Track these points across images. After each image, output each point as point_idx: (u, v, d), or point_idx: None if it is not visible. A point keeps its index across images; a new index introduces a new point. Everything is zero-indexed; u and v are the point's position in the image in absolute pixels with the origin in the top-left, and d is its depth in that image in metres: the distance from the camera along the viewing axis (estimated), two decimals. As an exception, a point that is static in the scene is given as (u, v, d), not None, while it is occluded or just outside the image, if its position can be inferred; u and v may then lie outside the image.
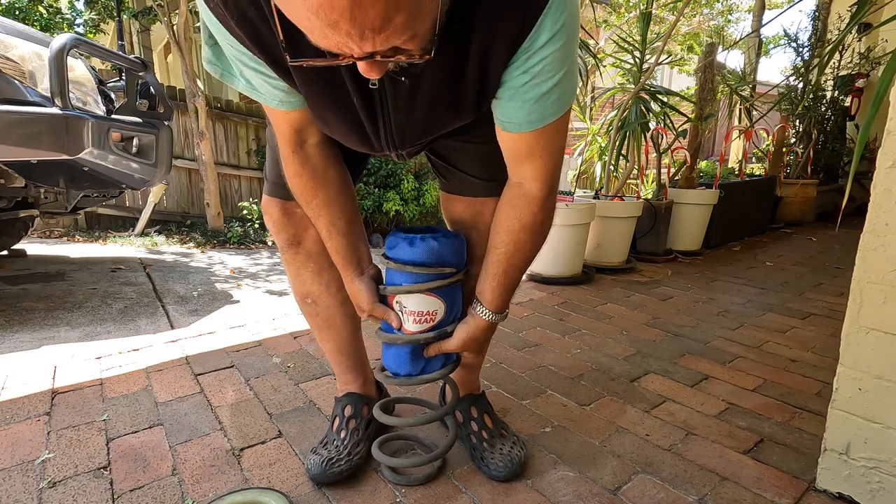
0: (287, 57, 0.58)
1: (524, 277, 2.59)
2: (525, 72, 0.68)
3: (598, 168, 4.28)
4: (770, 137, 4.93)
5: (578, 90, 3.64)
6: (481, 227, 0.98)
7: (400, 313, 0.91)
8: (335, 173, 0.89)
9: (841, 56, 4.93)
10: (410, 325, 0.91)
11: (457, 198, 1.02)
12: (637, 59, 3.09)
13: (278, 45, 0.64)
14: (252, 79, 0.75)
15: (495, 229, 0.87)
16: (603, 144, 4.11)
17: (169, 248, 4.03)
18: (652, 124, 3.13)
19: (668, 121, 3.21)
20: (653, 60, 3.00)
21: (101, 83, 2.45)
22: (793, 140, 5.10)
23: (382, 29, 0.47)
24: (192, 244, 4.24)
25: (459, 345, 0.91)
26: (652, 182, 4.51)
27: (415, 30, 0.50)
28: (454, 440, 1.06)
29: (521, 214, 0.83)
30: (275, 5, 0.51)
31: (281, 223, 0.98)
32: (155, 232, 4.53)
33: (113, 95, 2.56)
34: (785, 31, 5.05)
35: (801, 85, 4.81)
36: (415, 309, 0.90)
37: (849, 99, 5.15)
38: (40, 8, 5.71)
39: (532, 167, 0.79)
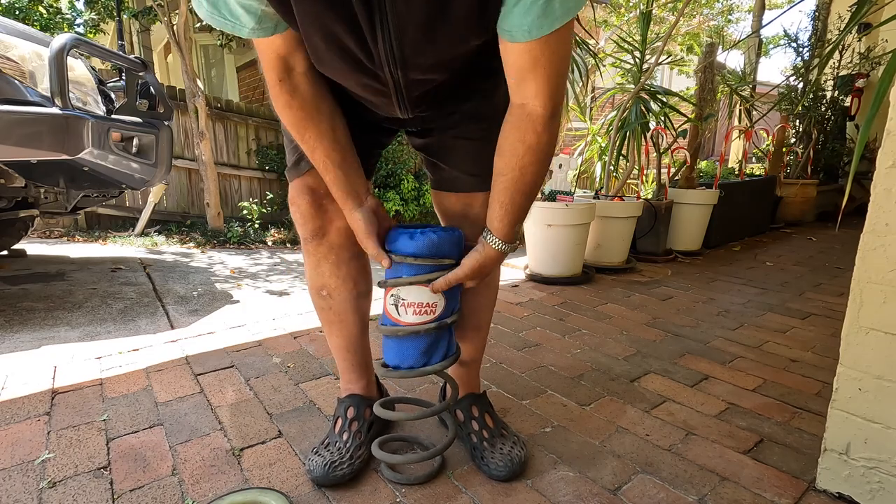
0: None
1: (524, 277, 2.59)
2: None
3: (598, 168, 4.29)
4: (770, 137, 4.93)
5: (578, 89, 3.65)
6: (472, 218, 1.00)
7: (398, 306, 0.92)
8: (326, 106, 0.88)
9: (841, 56, 4.93)
10: (410, 318, 0.92)
11: (448, 193, 1.03)
12: (637, 60, 3.09)
13: None
14: (222, 4, 0.72)
15: (500, 155, 0.86)
16: (603, 144, 4.11)
17: (169, 248, 4.03)
18: (652, 124, 3.13)
19: (667, 121, 3.21)
20: (653, 60, 3.00)
21: (101, 83, 2.45)
22: (793, 140, 5.10)
23: None
24: (192, 244, 4.24)
25: (468, 272, 0.91)
26: (652, 182, 4.51)
27: None
28: (454, 437, 1.07)
29: (524, 136, 0.81)
30: None
31: (308, 214, 0.98)
32: (155, 232, 4.53)
33: (113, 95, 2.56)
34: (785, 31, 5.05)
35: (801, 85, 4.81)
36: (415, 301, 0.91)
37: (849, 99, 5.15)
38: (40, 8, 5.71)
39: (535, 83, 0.77)
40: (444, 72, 0.83)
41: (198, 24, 6.26)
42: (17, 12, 5.45)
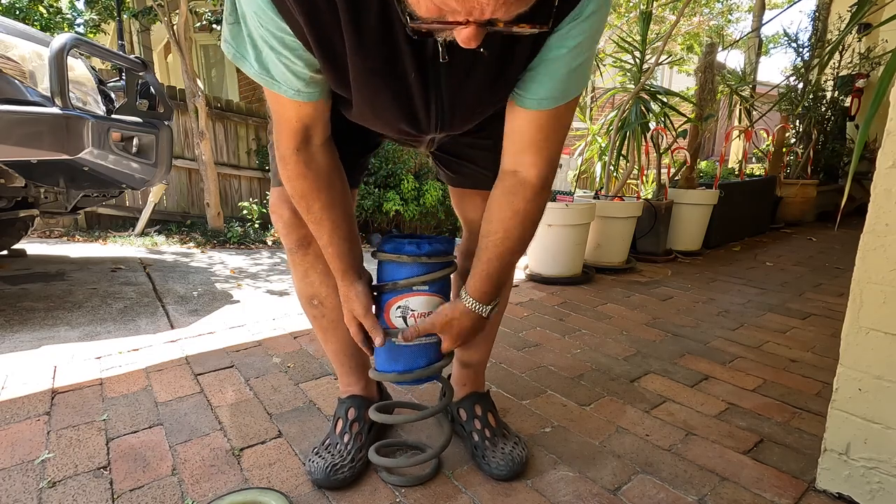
0: (407, 22, 0.57)
1: (524, 277, 2.59)
2: (563, 44, 0.69)
3: (598, 168, 4.28)
4: (770, 137, 4.93)
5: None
6: None
7: (406, 318, 0.91)
8: (338, 176, 0.88)
9: (841, 56, 4.93)
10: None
11: (472, 192, 1.02)
12: (637, 59, 3.09)
13: (335, 27, 0.65)
14: (272, 64, 0.72)
15: (486, 218, 0.86)
16: (603, 144, 4.11)
17: (169, 248, 4.03)
18: (652, 124, 3.13)
19: (667, 121, 3.21)
20: (653, 60, 3.00)
21: (101, 83, 2.45)
22: (793, 140, 5.10)
23: None
24: (192, 244, 4.24)
25: (435, 323, 0.89)
26: (652, 182, 4.51)
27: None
28: (450, 438, 1.06)
29: (513, 201, 0.82)
30: None
31: (291, 224, 0.97)
32: (155, 232, 4.53)
33: (113, 95, 2.56)
34: (785, 31, 5.05)
35: (801, 85, 4.81)
36: (424, 311, 0.90)
37: (849, 99, 5.15)
38: (40, 8, 5.71)
39: (533, 154, 0.79)
40: (477, 123, 0.87)
41: (198, 24, 6.26)
42: (18, 12, 5.45)
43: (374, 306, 0.92)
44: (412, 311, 0.91)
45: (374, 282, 0.95)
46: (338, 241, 0.88)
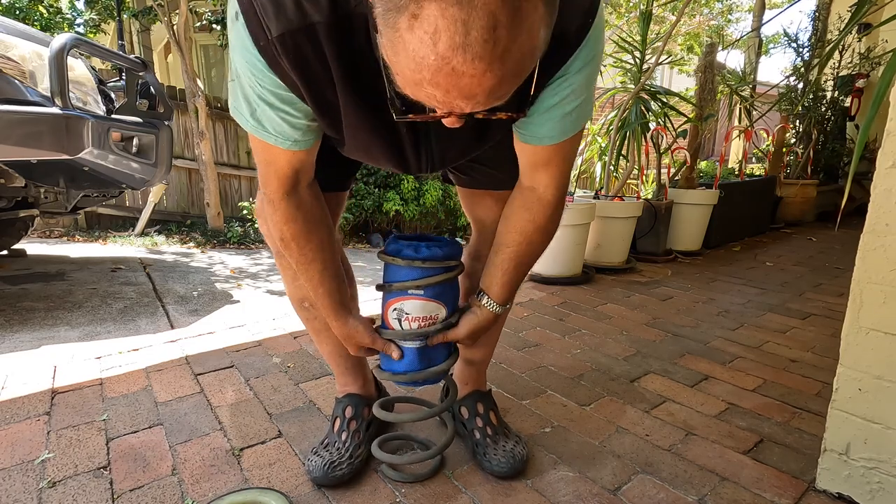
0: (393, 112, 0.62)
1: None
2: (555, 94, 0.72)
3: (598, 168, 4.29)
4: (770, 137, 4.93)
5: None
6: None
7: (401, 321, 0.91)
8: (324, 215, 0.88)
9: (841, 56, 4.93)
10: (413, 331, 0.92)
11: (482, 193, 1.02)
12: (637, 60, 3.09)
13: (327, 82, 0.67)
14: (268, 119, 0.73)
15: (506, 228, 0.89)
16: (603, 144, 4.11)
17: (169, 248, 4.03)
18: (652, 124, 3.13)
19: (667, 121, 3.21)
20: (653, 60, 3.00)
21: (101, 83, 2.45)
22: (793, 140, 5.09)
23: (500, 98, 0.52)
24: (192, 244, 4.24)
25: (466, 334, 0.93)
26: (652, 182, 4.51)
27: (512, 89, 0.54)
28: (453, 436, 1.07)
29: (535, 217, 0.86)
30: (384, 60, 0.53)
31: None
32: (155, 232, 4.53)
33: (113, 95, 2.56)
34: (785, 31, 5.05)
35: (801, 85, 4.80)
36: (419, 315, 0.90)
37: (849, 99, 5.15)
38: (40, 8, 5.71)
39: (547, 175, 0.83)
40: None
41: (198, 24, 6.26)
42: (18, 12, 5.45)
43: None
44: (406, 314, 0.90)
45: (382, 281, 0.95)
46: (328, 279, 0.89)
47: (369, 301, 1.69)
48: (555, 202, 0.85)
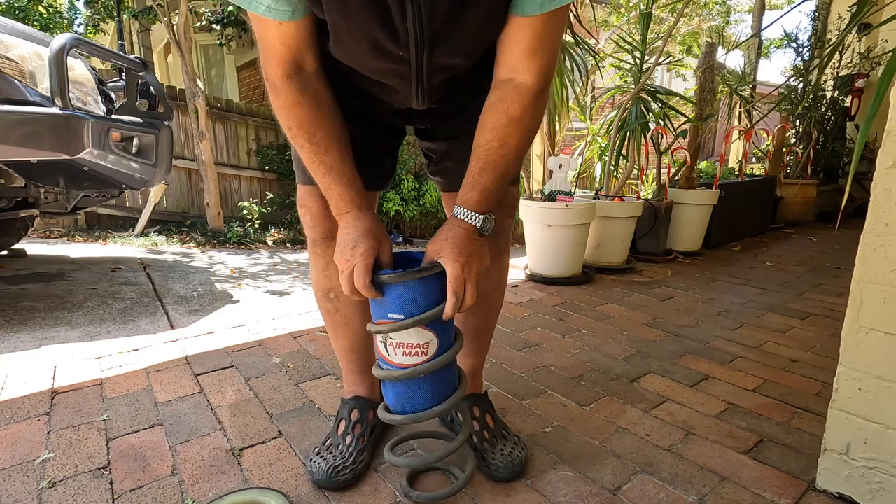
0: None
1: (524, 277, 2.59)
2: None
3: (598, 168, 4.28)
4: (770, 138, 4.93)
5: (578, 90, 3.64)
6: None
7: (386, 345, 0.86)
8: (336, 108, 0.83)
9: (841, 56, 4.93)
10: (400, 358, 0.85)
11: (457, 194, 1.02)
12: (637, 60, 3.09)
13: None
14: None
15: (480, 129, 0.81)
16: (603, 144, 4.11)
17: (169, 248, 4.03)
18: (652, 124, 3.13)
19: (667, 121, 3.21)
20: (653, 61, 3.00)
21: (101, 83, 2.45)
22: (793, 140, 5.10)
23: None
24: (192, 244, 4.24)
25: (452, 256, 0.79)
26: (652, 182, 4.51)
27: None
28: (475, 466, 1.01)
29: (509, 108, 0.78)
30: None
31: (320, 216, 0.96)
32: (155, 232, 4.53)
33: (113, 95, 2.56)
34: (785, 31, 5.05)
35: (801, 85, 4.81)
36: (403, 341, 0.84)
37: (849, 99, 5.15)
38: (40, 8, 5.71)
39: (532, 59, 0.76)
40: (467, 58, 0.81)
41: (198, 24, 6.26)
42: (17, 12, 5.45)
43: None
44: (391, 339, 0.85)
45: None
46: (348, 171, 0.82)
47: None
48: (533, 90, 0.77)
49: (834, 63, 4.94)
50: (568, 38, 2.85)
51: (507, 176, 0.82)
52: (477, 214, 0.81)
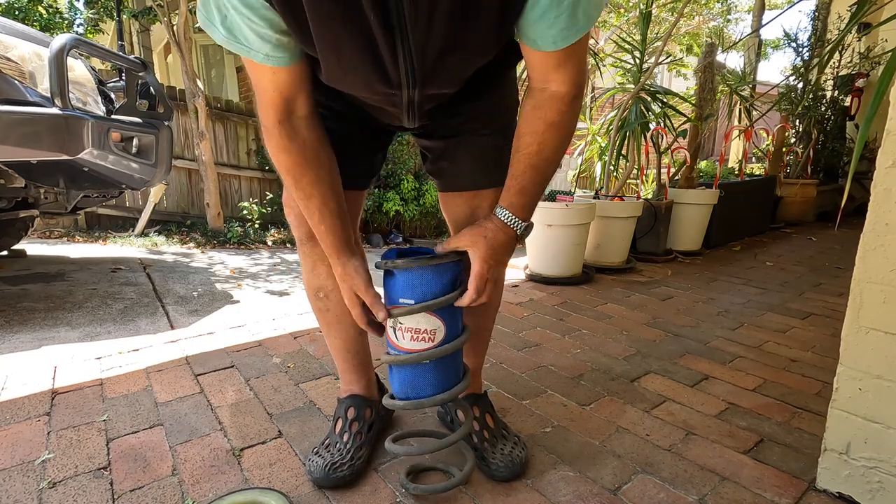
0: None
1: (524, 277, 2.59)
2: None
3: (598, 168, 4.29)
4: (770, 137, 4.93)
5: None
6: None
7: (395, 330, 0.88)
8: (324, 152, 0.86)
9: (841, 56, 4.93)
10: (408, 343, 0.88)
11: (456, 195, 1.02)
12: (637, 60, 3.09)
13: None
14: (236, 27, 0.71)
15: (519, 134, 0.83)
16: (603, 144, 4.11)
17: (169, 249, 4.03)
18: (652, 124, 3.13)
19: (667, 121, 3.21)
20: (653, 61, 3.00)
21: (101, 83, 2.45)
22: (793, 140, 5.10)
23: None
24: (192, 244, 4.24)
25: (458, 239, 0.85)
26: (652, 182, 4.52)
27: None
28: (474, 464, 1.03)
29: (546, 114, 0.80)
30: None
31: (303, 216, 0.96)
32: (155, 232, 4.53)
33: (113, 95, 2.56)
34: (784, 31, 5.05)
35: (800, 85, 4.81)
36: (411, 326, 0.87)
37: (849, 99, 5.15)
38: (40, 8, 5.71)
39: (561, 74, 0.77)
40: (458, 84, 0.83)
41: (198, 24, 6.25)
42: (17, 12, 5.45)
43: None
44: (400, 323, 0.88)
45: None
46: (328, 216, 0.87)
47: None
48: (569, 97, 0.79)
49: (834, 62, 4.94)
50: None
51: (547, 179, 0.86)
52: (521, 221, 0.85)
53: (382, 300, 0.90)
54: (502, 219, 0.85)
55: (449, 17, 0.69)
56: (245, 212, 4.82)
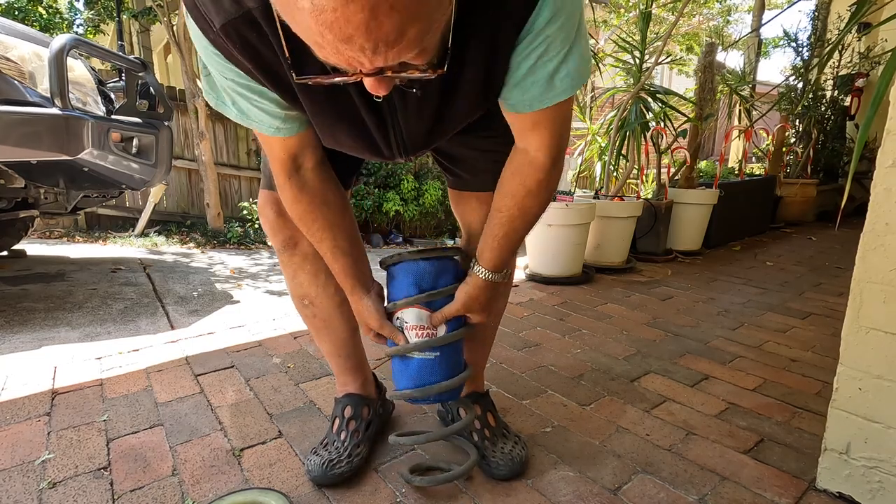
0: (293, 76, 0.59)
1: (524, 277, 2.59)
2: (529, 54, 0.68)
3: (598, 168, 4.28)
4: (770, 137, 4.93)
5: (578, 90, 3.64)
6: None
7: (403, 330, 0.92)
8: (333, 196, 0.89)
9: (840, 55, 4.93)
10: (414, 340, 0.91)
11: (469, 194, 1.02)
12: (637, 60, 3.09)
13: (282, 65, 0.65)
14: (245, 108, 0.76)
15: (499, 192, 0.86)
16: (603, 144, 4.11)
17: (169, 249, 4.03)
18: (652, 124, 3.13)
19: (667, 121, 3.21)
20: (652, 61, 3.00)
21: (100, 83, 2.45)
22: (792, 140, 5.10)
23: (396, 42, 0.47)
24: (192, 244, 4.24)
25: (461, 306, 0.90)
26: (652, 182, 4.51)
27: (425, 44, 0.50)
28: (477, 458, 1.03)
29: (525, 181, 0.83)
30: (281, 23, 0.51)
31: (277, 225, 0.98)
32: (155, 232, 4.53)
33: (113, 96, 2.56)
34: (784, 30, 5.05)
35: (800, 84, 4.81)
36: (416, 323, 0.91)
37: (848, 98, 5.15)
38: (40, 8, 5.71)
39: (539, 138, 0.79)
40: (448, 138, 0.88)
41: (197, 25, 6.24)
42: (17, 12, 5.45)
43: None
44: (406, 322, 0.91)
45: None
46: (341, 256, 0.91)
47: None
48: (546, 166, 0.81)
49: (833, 62, 4.94)
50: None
51: (523, 236, 0.90)
52: (491, 272, 0.89)
53: (393, 319, 0.93)
54: (484, 279, 0.89)
55: (436, 109, 0.75)
56: (245, 212, 4.82)
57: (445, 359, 0.93)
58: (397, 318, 0.92)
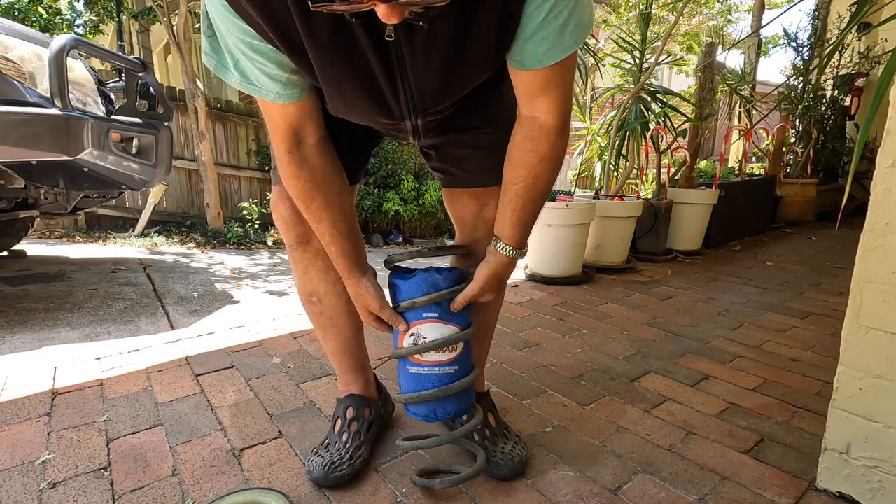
0: (309, 4, 0.57)
1: (524, 277, 2.59)
2: (537, 12, 0.69)
3: (598, 168, 4.28)
4: (770, 137, 4.93)
5: (578, 90, 3.65)
6: (487, 219, 0.99)
7: (415, 344, 0.90)
8: (334, 175, 0.89)
9: (841, 55, 4.93)
10: (432, 356, 0.91)
11: (461, 191, 1.02)
12: (637, 59, 3.09)
13: (292, 19, 0.65)
14: (248, 70, 0.75)
15: (511, 165, 0.86)
16: (603, 144, 4.11)
17: (169, 249, 4.03)
18: (652, 124, 3.13)
19: (667, 121, 3.21)
20: (652, 60, 3.00)
21: (100, 84, 2.45)
22: (793, 140, 5.10)
23: None
24: (192, 245, 4.24)
25: (483, 284, 0.90)
26: (652, 182, 4.51)
27: None
28: (485, 460, 1.03)
29: (538, 147, 0.82)
30: None
31: (291, 221, 0.97)
32: (155, 232, 4.53)
33: (113, 96, 2.56)
34: (785, 30, 5.05)
35: (800, 84, 4.81)
36: (434, 336, 0.90)
37: (848, 98, 5.15)
38: (40, 9, 5.71)
39: (548, 100, 0.79)
40: (458, 104, 0.86)
41: (197, 25, 6.25)
42: (17, 13, 5.45)
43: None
44: (423, 338, 0.90)
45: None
46: (339, 237, 0.90)
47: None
48: (557, 128, 0.81)
49: (834, 62, 4.94)
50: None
51: (539, 206, 0.90)
52: (515, 249, 0.89)
53: (406, 335, 0.92)
54: (503, 252, 0.89)
55: (446, 54, 0.73)
56: (245, 212, 4.82)
57: (458, 370, 0.93)
58: (412, 335, 0.90)
